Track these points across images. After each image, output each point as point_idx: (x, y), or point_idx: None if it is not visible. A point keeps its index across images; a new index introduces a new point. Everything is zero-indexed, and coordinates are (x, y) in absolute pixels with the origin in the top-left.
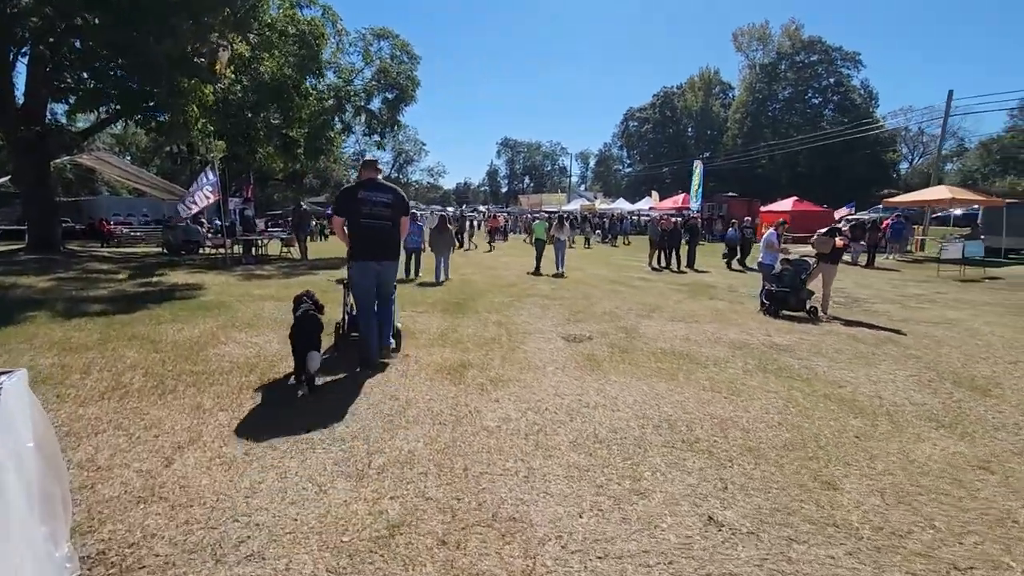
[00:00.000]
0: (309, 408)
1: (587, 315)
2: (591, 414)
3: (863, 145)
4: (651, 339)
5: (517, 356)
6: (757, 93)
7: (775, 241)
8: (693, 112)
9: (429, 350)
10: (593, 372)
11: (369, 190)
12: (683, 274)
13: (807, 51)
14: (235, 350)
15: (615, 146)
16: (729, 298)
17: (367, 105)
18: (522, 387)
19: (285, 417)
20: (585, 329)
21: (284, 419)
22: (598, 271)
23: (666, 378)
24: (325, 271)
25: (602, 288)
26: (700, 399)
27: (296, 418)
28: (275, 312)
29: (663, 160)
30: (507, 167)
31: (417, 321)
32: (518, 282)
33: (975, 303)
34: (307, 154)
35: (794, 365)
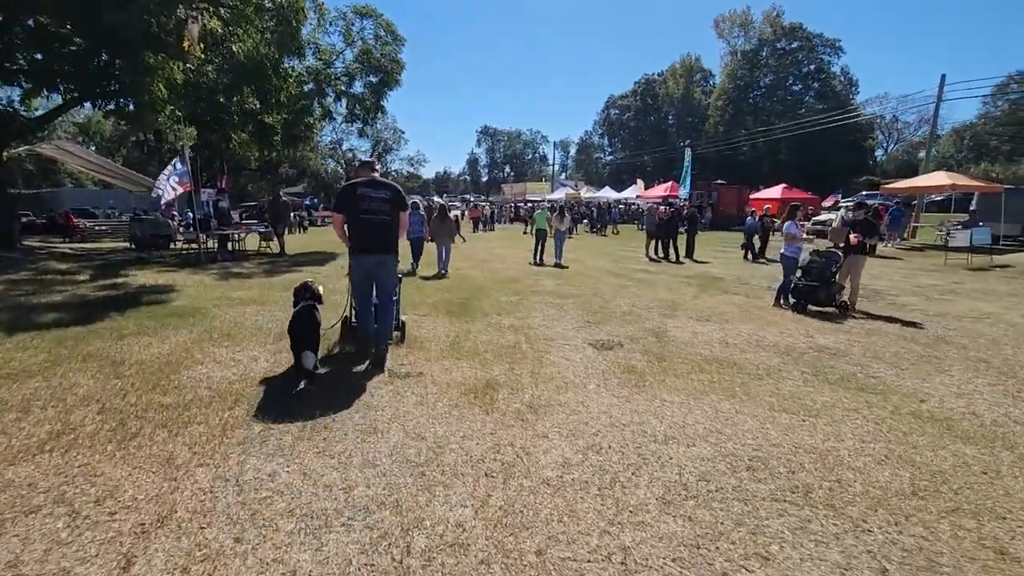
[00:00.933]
0: (317, 457)
1: (606, 316)
2: (664, 452)
3: (844, 132)
4: (686, 344)
5: (547, 371)
6: (739, 80)
7: (796, 232)
8: (675, 99)
9: (444, 364)
10: (640, 389)
11: (367, 187)
12: (682, 265)
13: (788, 38)
14: (214, 371)
15: (596, 134)
16: (744, 291)
17: (349, 89)
18: (568, 413)
19: (285, 473)
20: (610, 333)
21: (284, 477)
22: (597, 263)
23: (725, 395)
24: (309, 267)
25: (608, 282)
26: (778, 424)
27: (301, 476)
28: (258, 319)
29: (645, 148)
30: (488, 156)
31: (422, 326)
32: (520, 277)
33: (998, 294)
34: (284, 142)
35: (856, 373)
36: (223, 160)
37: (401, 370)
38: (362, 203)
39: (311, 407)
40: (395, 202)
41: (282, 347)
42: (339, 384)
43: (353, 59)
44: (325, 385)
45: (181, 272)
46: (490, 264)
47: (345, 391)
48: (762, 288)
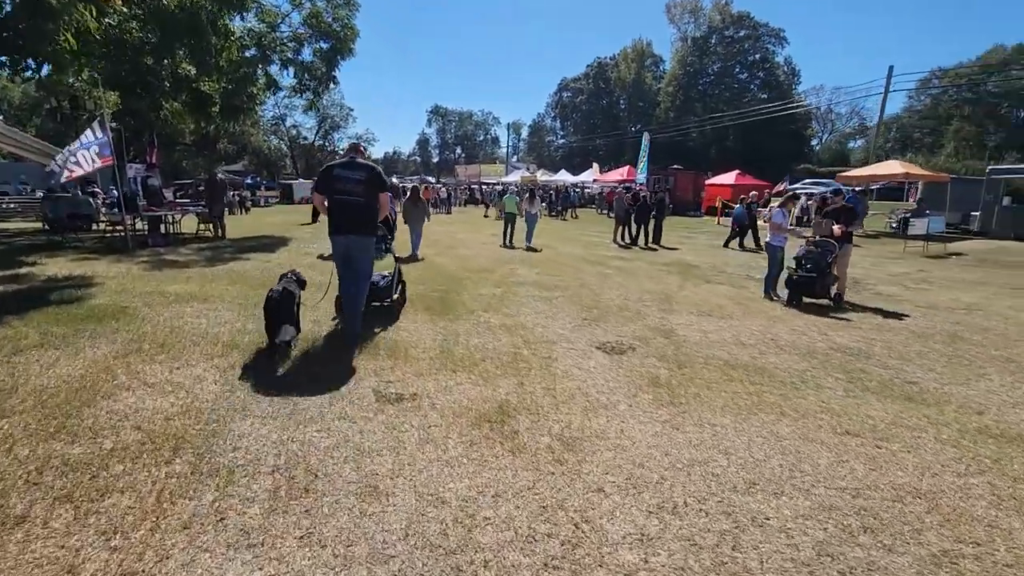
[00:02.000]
0: (302, 548)
1: (602, 311)
2: (754, 508)
3: (786, 121)
4: (699, 345)
5: (564, 386)
6: (688, 67)
7: (783, 222)
8: (626, 84)
9: (439, 380)
10: (678, 409)
11: (344, 168)
12: (654, 251)
13: (736, 26)
14: (145, 401)
15: (549, 117)
16: (726, 280)
17: (297, 57)
18: (613, 450)
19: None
20: (615, 333)
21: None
22: (568, 249)
23: (774, 413)
24: (257, 254)
25: (586, 271)
26: (855, 454)
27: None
28: (201, 321)
29: (597, 132)
30: (438, 136)
31: (401, 328)
32: (494, 266)
33: (968, 282)
34: (224, 113)
35: (893, 379)
36: (153, 132)
37: (390, 390)
38: (337, 184)
39: (284, 452)
40: (371, 183)
41: (234, 361)
42: (318, 410)
43: (301, 22)
44: (300, 413)
45: (103, 260)
46: (457, 251)
47: (326, 422)
48: (741, 277)
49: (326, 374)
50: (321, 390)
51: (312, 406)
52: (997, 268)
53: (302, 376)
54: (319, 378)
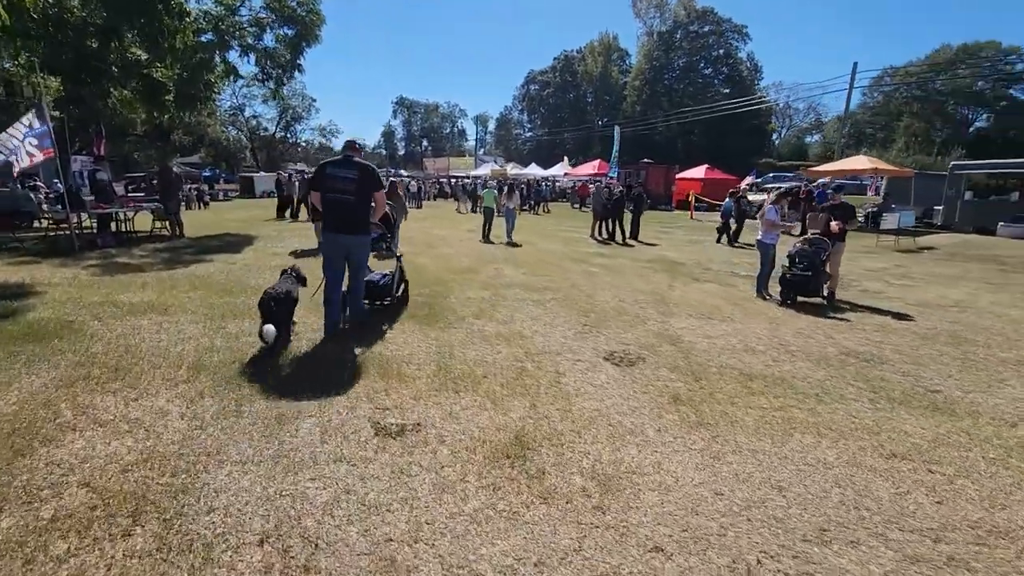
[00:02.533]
0: None
1: (600, 316)
2: (831, 562)
3: (748, 116)
4: (708, 353)
5: (581, 407)
6: (655, 61)
7: (776, 218)
8: (593, 77)
9: (442, 403)
10: (711, 433)
11: (336, 167)
12: (632, 247)
13: (700, 21)
14: (96, 445)
15: (516, 109)
16: (713, 279)
17: (259, 43)
18: (657, 491)
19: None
20: (619, 341)
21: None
22: (547, 245)
23: (810, 433)
24: (221, 255)
25: (572, 270)
26: (913, 483)
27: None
28: (161, 337)
29: (564, 125)
30: (404, 128)
31: (390, 340)
32: (477, 265)
33: (947, 277)
34: (179, 102)
35: (915, 388)
36: (100, 122)
37: (389, 420)
38: (329, 182)
39: (272, 512)
40: (364, 182)
41: (203, 387)
42: (309, 450)
43: (263, 6)
44: (288, 455)
45: (45, 264)
46: (437, 249)
47: (320, 467)
48: (727, 274)
49: (312, 399)
50: (310, 422)
51: (301, 445)
52: (969, 262)
53: (285, 403)
54: (305, 405)
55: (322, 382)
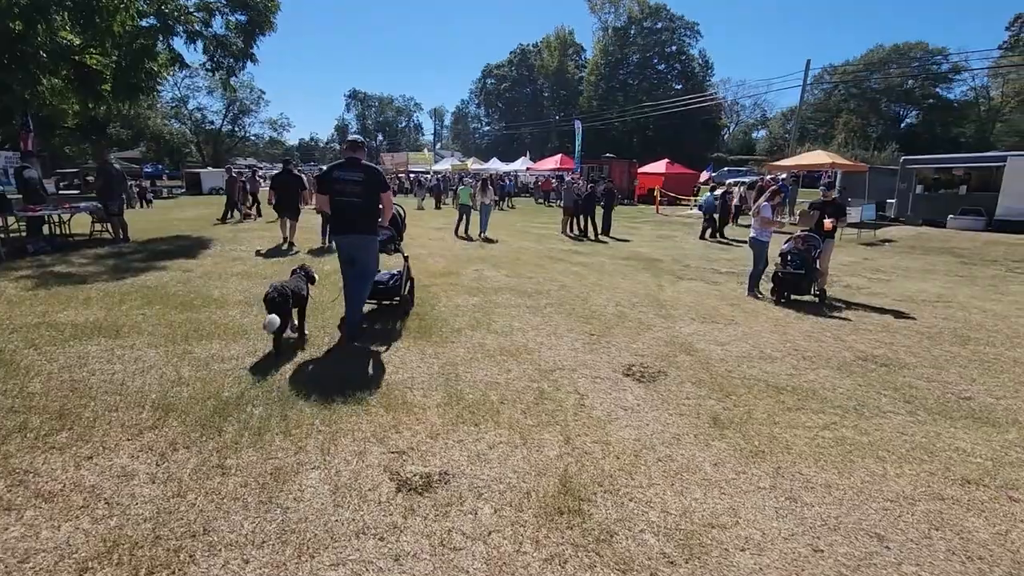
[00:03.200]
0: None
1: (602, 323)
2: None
3: (701, 112)
4: (726, 363)
5: (618, 436)
6: (610, 56)
7: (770, 215)
8: (550, 72)
9: (465, 441)
10: (771, 464)
11: (342, 169)
12: (605, 243)
13: (653, 18)
14: (42, 535)
15: (473, 104)
16: (698, 277)
17: (207, 29)
18: (745, 549)
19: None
20: (630, 351)
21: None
22: (521, 242)
23: (868, 456)
24: (174, 262)
25: (555, 270)
26: (1003, 517)
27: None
28: (116, 370)
29: (522, 119)
30: (358, 122)
31: (385, 361)
32: (456, 267)
33: (917, 270)
34: (118, 93)
35: (946, 395)
36: (27, 114)
37: (409, 469)
38: (336, 185)
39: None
40: (370, 184)
41: (174, 435)
42: (322, 522)
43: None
44: (297, 532)
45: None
46: (410, 250)
47: (339, 546)
48: (709, 272)
49: (313, 443)
50: (315, 477)
51: (310, 512)
52: (929, 255)
53: (279, 449)
54: (304, 453)
55: (319, 418)
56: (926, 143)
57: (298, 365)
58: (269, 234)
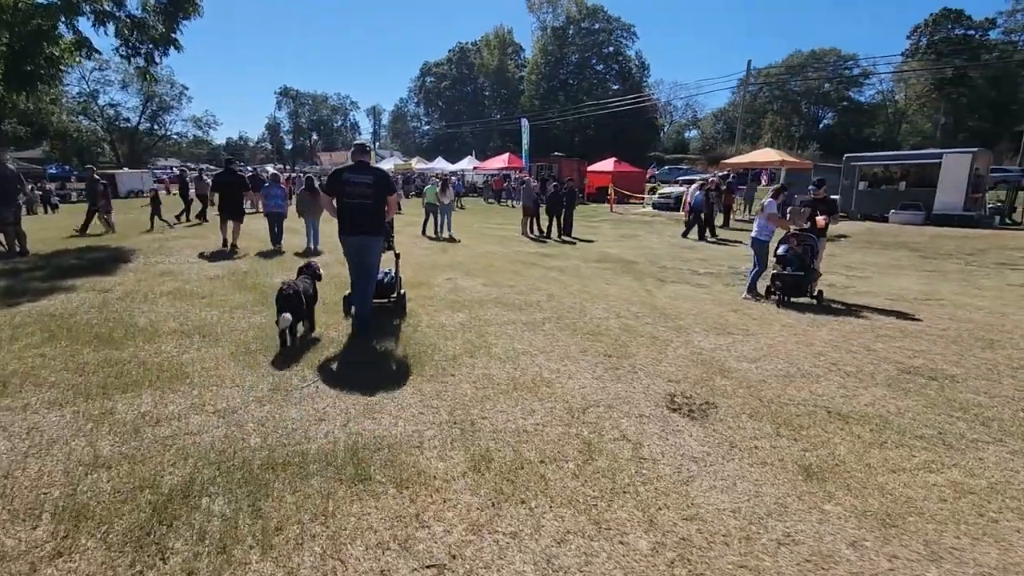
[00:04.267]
0: None
1: (612, 340)
2: None
3: (640, 112)
4: (769, 385)
5: (708, 505)
6: (550, 56)
7: (776, 212)
8: (490, 71)
9: (518, 530)
10: (920, 543)
11: (352, 172)
12: (571, 243)
13: (591, 19)
14: None
15: (412, 102)
16: (681, 279)
17: (120, 10)
18: None
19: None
20: (662, 378)
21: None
22: (485, 246)
23: (1004, 512)
24: (86, 280)
25: (533, 275)
26: None
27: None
28: (15, 449)
29: (463, 118)
30: (291, 120)
31: (378, 408)
32: (426, 276)
33: (886, 266)
34: (11, 82)
35: (1016, 416)
36: None
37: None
38: (346, 187)
39: None
40: (379, 186)
41: (95, 570)
42: None
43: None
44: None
45: None
46: None
47: None
48: (689, 273)
49: (309, 561)
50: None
51: None
52: (887, 249)
53: (273, 563)
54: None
55: (307, 511)
56: (843, 142)
57: (264, 417)
58: (200, 241)
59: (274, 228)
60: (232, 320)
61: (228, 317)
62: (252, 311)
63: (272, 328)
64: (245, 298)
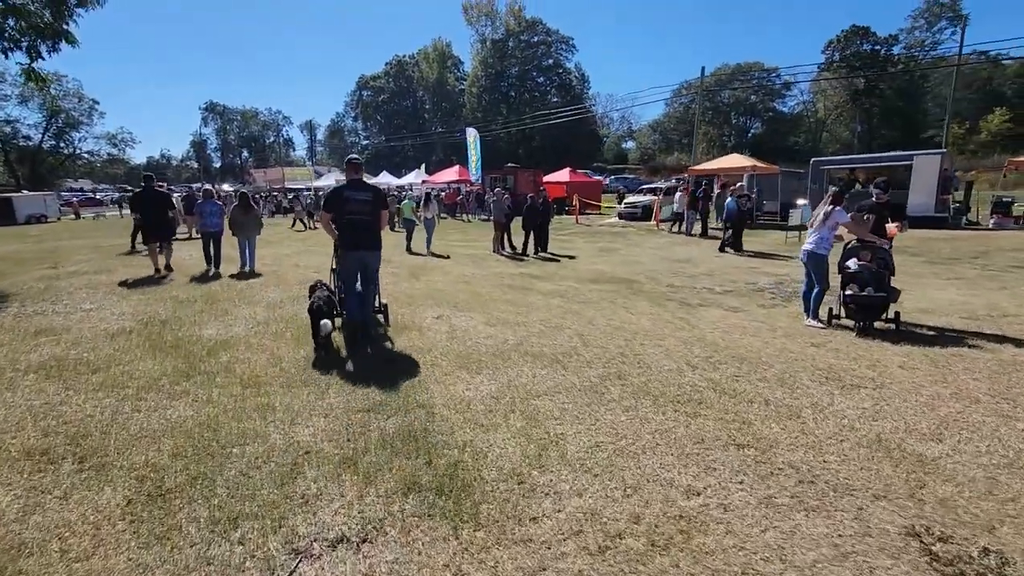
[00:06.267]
0: None
1: (705, 406)
2: None
3: (582, 123)
4: (1002, 486)
5: None
6: (490, 68)
7: (843, 218)
8: (429, 84)
9: None
10: None
11: (352, 190)
12: (555, 260)
13: (529, 32)
14: None
15: (349, 116)
16: (700, 300)
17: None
18: None
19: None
20: (843, 486)
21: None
22: (459, 268)
23: None
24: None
25: (532, 305)
26: None
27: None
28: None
29: (403, 132)
30: (218, 137)
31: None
32: (411, 315)
33: (904, 274)
34: None
35: None
36: None
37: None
38: (347, 205)
39: None
40: (376, 203)
41: None
42: None
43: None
44: None
45: None
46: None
47: None
48: (706, 291)
49: None
50: None
51: None
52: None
53: None
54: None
55: None
56: (770, 151)
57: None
58: (105, 276)
59: (209, 249)
60: (136, 418)
61: (131, 410)
62: (172, 393)
63: (212, 430)
64: (161, 367)
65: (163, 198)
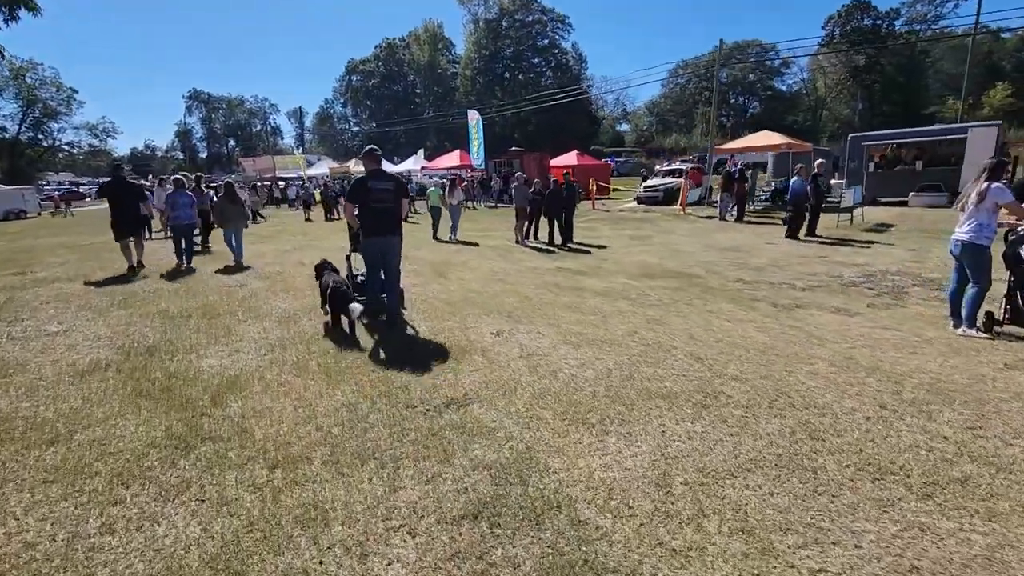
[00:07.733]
0: None
1: (917, 490)
2: None
3: (580, 105)
4: None
5: None
6: (484, 50)
7: (1005, 197)
8: (421, 67)
9: None
10: None
11: (375, 179)
12: (584, 252)
13: (524, 10)
14: None
15: (338, 103)
16: (800, 301)
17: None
18: None
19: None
20: None
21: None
22: (487, 262)
23: None
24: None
25: (590, 309)
26: None
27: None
28: None
29: (395, 117)
30: (204, 127)
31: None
32: (465, 333)
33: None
34: None
35: None
36: None
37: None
38: (372, 195)
39: None
40: (398, 191)
41: None
42: None
43: None
44: None
45: None
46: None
47: None
48: (787, 287)
49: None
50: None
51: None
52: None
53: None
54: None
55: None
56: (769, 129)
57: None
58: (74, 287)
59: (181, 243)
60: (106, 551)
61: (98, 530)
62: (164, 486)
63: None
64: (148, 430)
65: (134, 189)
